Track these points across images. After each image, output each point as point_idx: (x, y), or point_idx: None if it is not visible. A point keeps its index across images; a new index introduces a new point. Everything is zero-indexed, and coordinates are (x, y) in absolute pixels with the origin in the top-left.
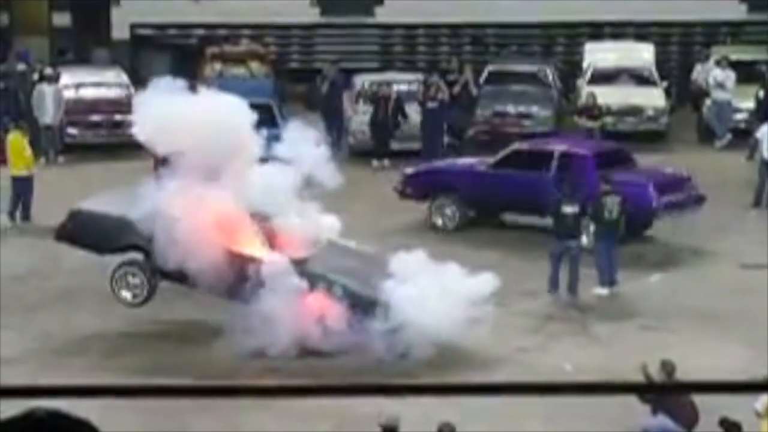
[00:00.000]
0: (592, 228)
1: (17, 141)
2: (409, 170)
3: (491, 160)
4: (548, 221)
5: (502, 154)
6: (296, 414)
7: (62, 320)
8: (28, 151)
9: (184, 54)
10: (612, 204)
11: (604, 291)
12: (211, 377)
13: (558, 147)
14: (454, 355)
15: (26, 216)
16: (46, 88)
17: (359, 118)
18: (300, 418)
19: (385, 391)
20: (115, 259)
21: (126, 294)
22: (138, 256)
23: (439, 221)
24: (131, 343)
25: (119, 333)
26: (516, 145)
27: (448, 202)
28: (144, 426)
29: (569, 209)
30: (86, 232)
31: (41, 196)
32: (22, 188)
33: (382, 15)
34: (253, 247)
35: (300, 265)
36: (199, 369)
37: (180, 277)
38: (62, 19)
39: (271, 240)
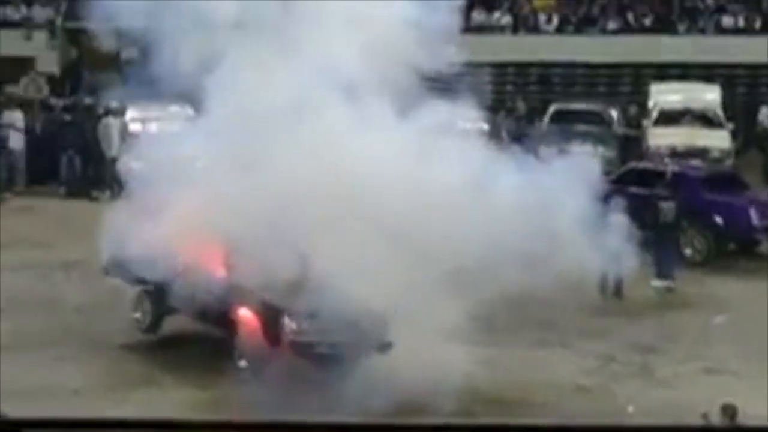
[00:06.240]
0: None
1: None
2: None
3: (611, 176)
4: None
5: (620, 170)
6: None
7: (122, 353)
8: None
9: None
10: (668, 208)
11: (659, 283)
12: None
13: (671, 167)
14: (514, 394)
15: None
16: (112, 121)
17: None
18: None
19: (436, 430)
20: None
21: (137, 315)
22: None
23: None
24: (192, 377)
25: (178, 367)
26: (632, 164)
27: None
28: None
29: None
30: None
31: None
32: None
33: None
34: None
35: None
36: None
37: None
38: (130, 53)
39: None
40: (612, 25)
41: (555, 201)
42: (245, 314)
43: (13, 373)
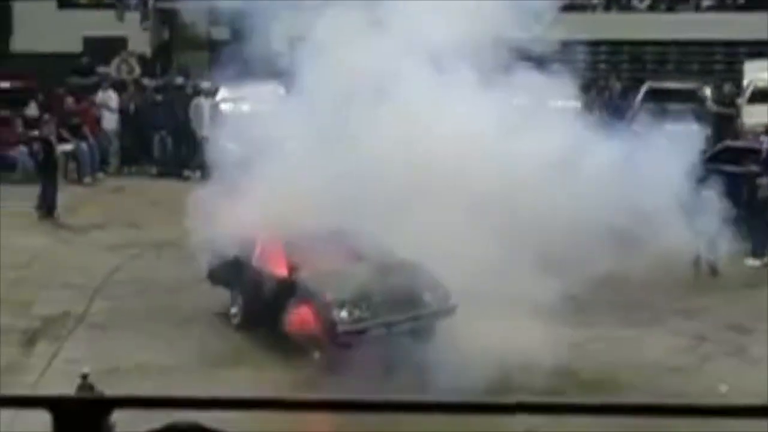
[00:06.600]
0: None
1: None
2: None
3: (706, 154)
4: None
5: (715, 149)
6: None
7: (212, 333)
8: None
9: None
10: (763, 186)
11: (753, 261)
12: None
13: (766, 145)
14: (605, 374)
15: None
16: (204, 102)
17: None
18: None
19: (530, 409)
20: None
21: (233, 310)
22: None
23: None
24: (283, 358)
25: (269, 347)
26: (728, 142)
27: None
28: None
29: None
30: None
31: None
32: None
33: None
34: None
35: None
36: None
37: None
38: (221, 33)
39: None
40: (705, 2)
41: (649, 179)
42: (301, 311)
43: (108, 351)
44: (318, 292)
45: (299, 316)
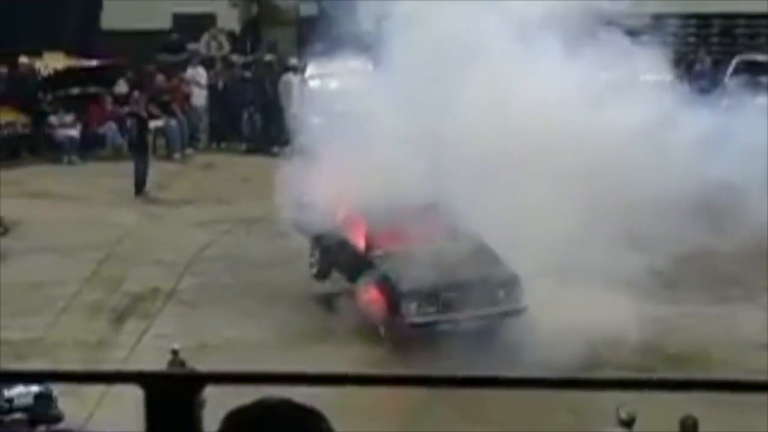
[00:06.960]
0: None
1: None
2: None
3: None
4: None
5: None
6: (532, 403)
7: (298, 310)
8: None
9: None
10: None
11: None
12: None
13: None
14: (695, 350)
15: None
16: (293, 78)
17: None
18: (535, 406)
19: (619, 385)
20: None
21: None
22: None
23: None
24: (365, 333)
25: (353, 323)
26: None
27: None
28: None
29: None
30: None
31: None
32: None
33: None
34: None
35: (372, 257)
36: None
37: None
38: (309, 10)
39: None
40: None
41: (740, 152)
42: (372, 290)
43: (197, 327)
44: (393, 279)
45: (369, 296)
